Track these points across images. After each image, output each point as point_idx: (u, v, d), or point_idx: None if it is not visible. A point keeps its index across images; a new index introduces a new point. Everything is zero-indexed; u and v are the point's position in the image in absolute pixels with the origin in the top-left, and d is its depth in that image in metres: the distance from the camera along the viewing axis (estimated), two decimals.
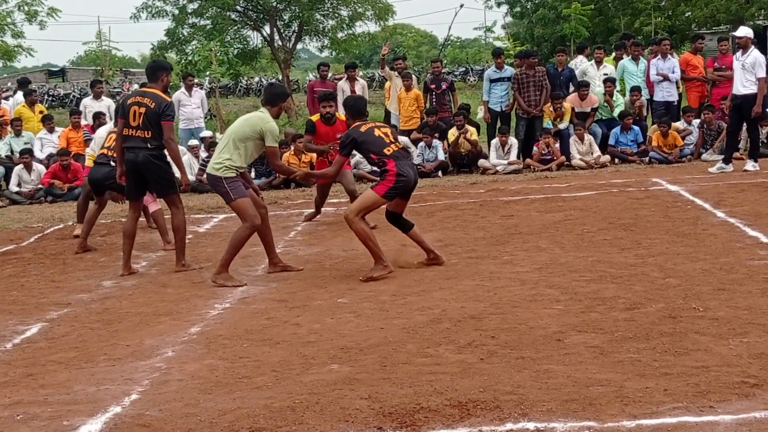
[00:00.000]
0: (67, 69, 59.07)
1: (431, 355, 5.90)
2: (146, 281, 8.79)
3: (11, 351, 6.74)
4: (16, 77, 46.32)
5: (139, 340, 6.65)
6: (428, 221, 11.35)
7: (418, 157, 16.59)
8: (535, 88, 16.51)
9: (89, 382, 5.77)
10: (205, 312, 7.48)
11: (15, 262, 10.36)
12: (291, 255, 9.71)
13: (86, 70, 55.06)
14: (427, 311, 7.02)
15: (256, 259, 9.39)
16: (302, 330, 6.75)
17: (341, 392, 5.24)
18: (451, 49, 49.29)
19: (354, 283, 8.20)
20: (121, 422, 4.97)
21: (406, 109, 17.59)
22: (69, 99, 38.21)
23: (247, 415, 4.96)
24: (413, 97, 17.63)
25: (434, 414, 4.81)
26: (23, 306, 8.13)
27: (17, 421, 5.07)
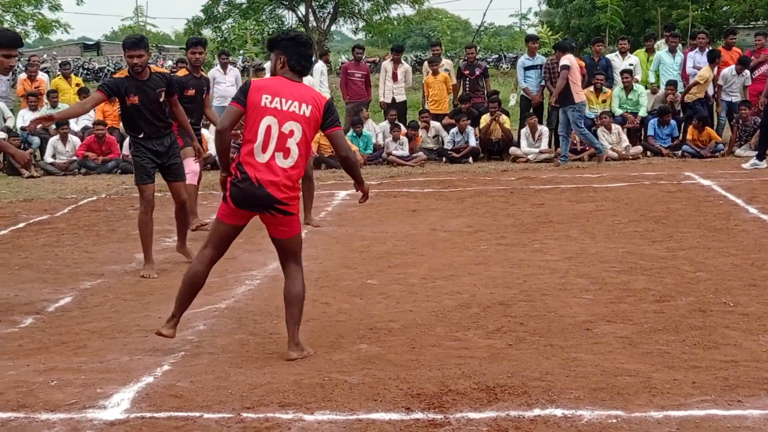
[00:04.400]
0: (102, 43, 59.32)
1: (460, 339, 5.95)
2: (178, 255, 8.87)
3: (46, 318, 6.84)
4: (52, 50, 46.69)
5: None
6: (458, 207, 11.37)
7: (449, 143, 16.61)
8: None
9: (122, 351, 5.85)
10: (236, 287, 7.55)
11: (49, 231, 10.48)
12: (321, 235, 9.77)
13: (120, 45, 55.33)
14: (456, 296, 7.06)
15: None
16: (332, 309, 6.81)
17: (370, 372, 5.29)
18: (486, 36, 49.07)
19: (383, 265, 8.24)
20: (153, 392, 5.04)
21: (436, 93, 17.59)
22: (104, 73, 38.40)
23: (276, 390, 5.02)
24: (442, 81, 17.62)
25: (462, 397, 4.85)
26: (57, 275, 8.24)
27: (52, 387, 5.15)
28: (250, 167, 5.47)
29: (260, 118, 5.46)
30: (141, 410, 4.78)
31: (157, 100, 8.21)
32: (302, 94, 5.55)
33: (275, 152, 5.47)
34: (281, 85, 5.55)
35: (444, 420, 4.55)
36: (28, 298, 7.45)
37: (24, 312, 6.99)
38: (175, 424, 4.58)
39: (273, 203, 5.49)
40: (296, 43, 5.64)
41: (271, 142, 5.47)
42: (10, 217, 11.57)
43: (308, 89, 5.68)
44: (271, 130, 5.46)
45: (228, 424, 4.57)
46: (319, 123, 5.58)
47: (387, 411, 4.69)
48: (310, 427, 4.52)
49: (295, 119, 5.49)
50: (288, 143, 5.48)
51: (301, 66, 5.62)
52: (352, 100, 17.77)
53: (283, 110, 5.48)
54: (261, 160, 5.47)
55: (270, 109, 5.47)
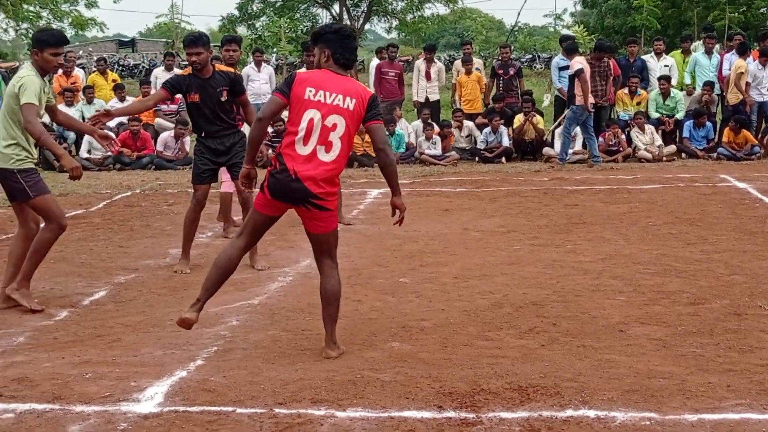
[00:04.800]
0: (137, 40, 59.71)
1: (492, 338, 5.94)
2: (211, 251, 8.91)
3: (80, 312, 6.90)
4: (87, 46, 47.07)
5: (204, 309, 6.75)
6: (491, 206, 11.34)
7: (482, 142, 16.58)
8: (601, 78, 16.33)
9: (156, 345, 5.89)
10: (268, 284, 7.58)
11: (84, 226, 10.57)
12: (353, 233, 9.78)
13: (155, 41, 55.66)
14: (488, 295, 7.05)
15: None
16: (364, 307, 6.82)
17: (402, 370, 5.30)
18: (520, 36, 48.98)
19: (415, 264, 8.24)
20: (187, 386, 5.08)
21: (469, 92, 17.56)
22: (138, 70, 38.67)
23: (309, 386, 5.04)
24: (475, 80, 17.59)
25: (494, 396, 4.85)
26: (92, 269, 8.31)
27: (86, 380, 5.20)
28: (290, 159, 5.43)
29: (303, 110, 5.42)
30: (174, 404, 4.81)
31: (218, 99, 8.16)
32: (347, 88, 5.49)
33: (317, 145, 5.42)
34: (326, 78, 5.50)
35: (476, 419, 4.55)
36: (63, 291, 7.52)
37: (59, 305, 7.06)
38: (208, 419, 4.61)
39: (308, 197, 5.44)
40: (340, 36, 5.59)
41: (314, 135, 5.42)
42: None
43: (353, 83, 5.62)
44: (314, 122, 5.41)
45: (261, 419, 4.59)
46: (362, 117, 5.50)
47: (419, 409, 4.69)
48: (342, 423, 4.54)
49: (339, 113, 5.43)
50: (330, 137, 5.44)
51: (345, 59, 5.57)
52: (385, 99, 17.75)
53: (327, 103, 5.43)
54: (302, 153, 5.42)
55: (314, 102, 5.42)
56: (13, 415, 4.70)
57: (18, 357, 5.70)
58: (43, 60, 6.84)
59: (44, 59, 6.84)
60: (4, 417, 4.68)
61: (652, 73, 17.30)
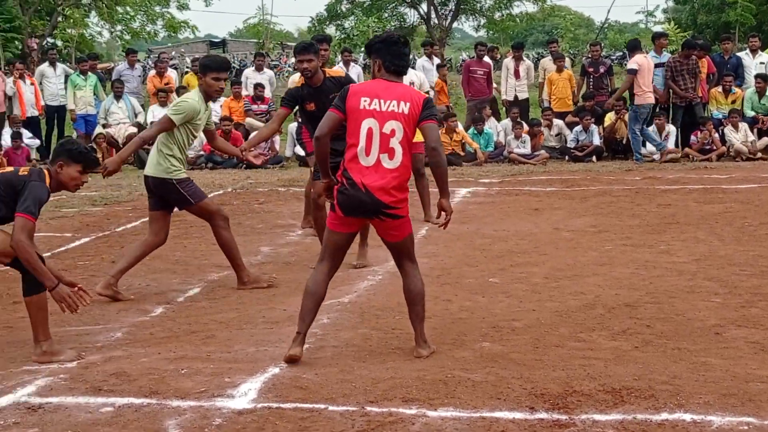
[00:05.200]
0: (227, 41, 60.51)
1: (584, 340, 5.88)
2: (302, 249, 9.01)
3: (175, 308, 7.03)
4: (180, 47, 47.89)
5: (296, 306, 6.79)
6: (581, 206, 11.23)
7: (572, 141, 16.42)
8: (690, 75, 16.03)
9: (249, 342, 5.98)
10: (358, 282, 7.62)
11: (178, 224, 10.71)
12: (441, 232, 9.74)
13: (245, 42, 56.35)
14: (580, 296, 6.98)
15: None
16: (454, 306, 6.82)
17: (493, 370, 5.28)
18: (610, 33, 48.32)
19: (505, 264, 8.20)
20: (280, 383, 5.13)
21: (559, 90, 17.40)
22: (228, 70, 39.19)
23: (400, 385, 5.05)
24: (566, 78, 17.43)
25: (587, 398, 4.80)
26: (186, 266, 8.47)
27: (182, 375, 5.30)
28: (356, 172, 5.44)
29: (360, 121, 5.44)
30: (267, 400, 4.87)
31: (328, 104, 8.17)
32: (400, 93, 5.50)
33: (380, 154, 5.43)
34: (379, 87, 5.52)
35: (569, 421, 4.51)
36: (158, 288, 7.68)
37: (155, 302, 7.21)
38: (300, 415, 4.66)
39: (381, 208, 5.44)
40: (387, 44, 5.62)
41: (374, 144, 5.43)
42: (141, 209, 11.88)
43: (406, 87, 5.63)
44: (373, 132, 5.43)
45: (352, 417, 4.61)
46: (417, 119, 5.47)
47: (511, 410, 4.67)
48: (433, 423, 4.54)
49: (395, 118, 5.42)
50: (391, 143, 5.44)
51: (394, 66, 5.58)
52: (474, 98, 17.72)
53: (383, 111, 5.43)
54: (366, 164, 5.44)
55: (369, 111, 5.44)
56: (112, 408, 4.82)
57: (116, 352, 5.84)
58: (206, 84, 7.22)
59: (206, 83, 7.21)
60: (103, 410, 4.80)
61: (748, 70, 16.93)
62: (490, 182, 13.73)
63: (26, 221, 5.49)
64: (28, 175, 5.64)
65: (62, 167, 5.74)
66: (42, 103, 17.91)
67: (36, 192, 5.55)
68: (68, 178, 5.77)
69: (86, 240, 9.91)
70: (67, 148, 5.83)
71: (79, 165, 5.77)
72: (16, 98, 17.62)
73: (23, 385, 5.23)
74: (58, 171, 5.74)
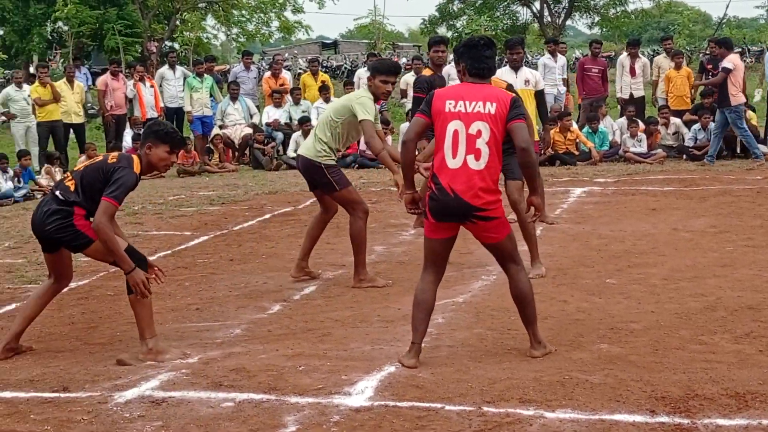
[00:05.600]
0: (339, 42, 61.05)
1: (706, 342, 5.75)
2: (415, 248, 9.02)
3: (292, 306, 7.13)
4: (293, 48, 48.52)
5: (410, 305, 6.81)
6: (701, 206, 10.97)
7: (690, 140, 16.06)
8: None
9: (364, 340, 6.02)
10: (472, 282, 7.60)
11: (293, 223, 10.92)
12: (556, 232, 9.68)
13: (357, 43, 56.75)
14: (700, 298, 6.82)
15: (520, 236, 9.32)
16: (570, 307, 6.74)
17: (611, 372, 5.20)
18: (728, 29, 47.04)
19: (622, 264, 8.07)
20: (396, 381, 5.16)
21: (678, 88, 17.02)
22: (341, 71, 39.55)
23: (516, 386, 5.02)
24: (685, 76, 17.04)
25: (709, 402, 4.69)
26: None
27: (300, 372, 5.37)
28: (444, 176, 5.42)
29: (446, 123, 5.43)
30: (384, 398, 4.90)
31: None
32: (486, 94, 5.46)
33: (466, 155, 5.39)
34: (464, 90, 5.51)
35: (691, 425, 4.42)
36: (275, 285, 7.79)
37: (272, 299, 7.32)
38: (417, 414, 4.67)
39: (471, 212, 5.40)
40: (469, 48, 5.63)
41: (461, 146, 5.40)
42: (257, 208, 12.13)
43: (493, 89, 5.59)
44: (458, 134, 5.40)
45: (469, 417, 4.60)
46: (505, 119, 5.42)
47: (630, 413, 4.59)
48: (551, 424, 4.50)
49: (481, 119, 5.38)
50: (477, 144, 5.39)
51: (476, 69, 5.56)
52: (589, 96, 17.50)
53: (468, 112, 5.41)
54: (453, 166, 5.40)
55: (454, 113, 5.42)
56: (232, 403, 4.91)
57: (236, 348, 5.95)
58: (374, 86, 7.48)
59: (375, 85, 7.48)
60: (224, 405, 4.90)
61: None
62: (605, 182, 13.53)
63: (109, 205, 5.61)
64: (117, 162, 5.75)
65: (151, 149, 5.86)
66: (161, 104, 18.37)
67: (125, 179, 5.67)
68: (157, 158, 5.89)
69: (205, 238, 10.13)
70: (153, 129, 5.95)
71: (166, 145, 5.89)
72: (137, 100, 18.12)
73: (147, 379, 5.37)
74: (147, 153, 5.86)
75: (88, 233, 5.71)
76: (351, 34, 69.86)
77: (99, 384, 5.31)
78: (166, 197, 13.23)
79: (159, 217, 11.53)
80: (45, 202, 5.85)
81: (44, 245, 5.95)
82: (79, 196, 5.71)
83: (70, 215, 5.71)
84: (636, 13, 37.76)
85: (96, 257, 5.88)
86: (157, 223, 11.12)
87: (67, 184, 5.80)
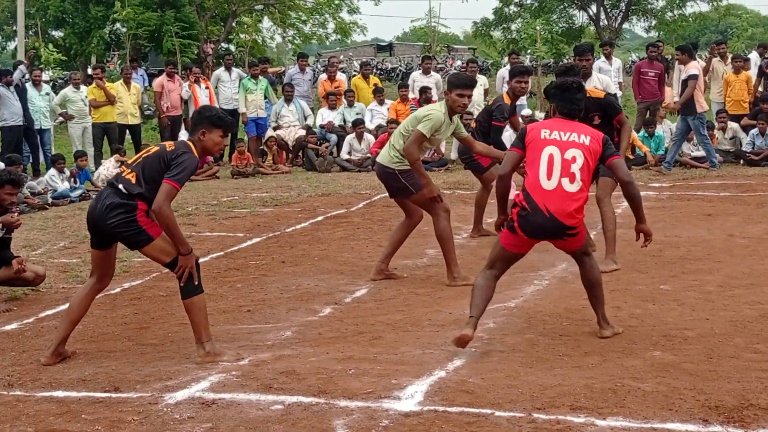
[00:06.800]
0: (394, 44, 61.13)
1: (761, 351, 5.66)
2: (467, 252, 9.00)
3: (343, 308, 7.14)
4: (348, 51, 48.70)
5: (461, 310, 6.81)
6: (757, 212, 10.80)
7: (747, 145, 15.81)
8: None
9: (415, 345, 6.01)
10: (524, 287, 7.55)
11: (345, 225, 10.94)
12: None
13: (412, 45, 56.78)
14: (757, 306, 6.72)
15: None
16: (623, 314, 6.67)
17: (664, 380, 5.14)
18: None
19: (677, 271, 7.98)
20: (446, 386, 5.14)
21: (736, 92, 16.78)
22: (395, 73, 39.60)
23: (567, 392, 4.98)
24: (744, 80, 16.79)
25: (765, 412, 4.62)
26: (353, 267, 8.59)
27: (350, 375, 5.38)
28: (538, 195, 5.72)
29: (541, 148, 5.80)
30: (434, 403, 4.89)
31: (591, 123, 7.96)
32: (579, 128, 5.90)
33: (561, 178, 5.72)
34: (557, 124, 5.93)
35: None
36: (326, 288, 7.81)
37: (323, 302, 7.34)
38: (467, 420, 4.65)
39: (565, 230, 5.75)
40: (562, 90, 6.02)
41: (555, 169, 5.74)
42: (309, 210, 12.17)
43: (584, 126, 6.02)
44: (554, 158, 5.76)
45: (519, 424, 4.58)
46: (599, 154, 5.82)
47: (683, 421, 4.54)
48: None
49: (576, 147, 5.79)
50: (572, 168, 5.75)
51: (567, 110, 5.98)
52: (644, 100, 17.31)
53: (564, 140, 5.81)
54: (548, 187, 5.73)
55: (550, 140, 5.82)
56: (282, 406, 4.93)
57: (286, 351, 5.97)
58: (451, 99, 7.65)
59: (452, 99, 7.65)
60: (273, 408, 4.92)
61: None
62: (660, 186, 13.37)
63: (171, 188, 5.64)
64: (176, 149, 5.80)
65: (204, 134, 5.91)
66: (216, 106, 18.49)
67: (188, 162, 5.73)
68: (212, 143, 5.95)
69: (257, 240, 10.18)
70: (206, 115, 5.99)
71: (219, 129, 5.94)
72: (192, 102, 18.27)
73: (197, 380, 5.41)
74: (201, 138, 5.90)
75: (149, 230, 5.74)
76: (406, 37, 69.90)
77: (150, 385, 5.37)
78: (220, 198, 13.32)
79: (212, 218, 11.61)
80: (106, 195, 5.80)
81: (99, 240, 5.92)
82: (142, 187, 5.71)
83: (134, 210, 5.71)
84: (694, 16, 37.25)
85: (152, 255, 5.88)
86: (210, 225, 11.20)
87: (128, 177, 5.79)
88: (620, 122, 8.38)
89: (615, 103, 8.50)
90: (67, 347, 6.07)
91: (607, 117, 8.29)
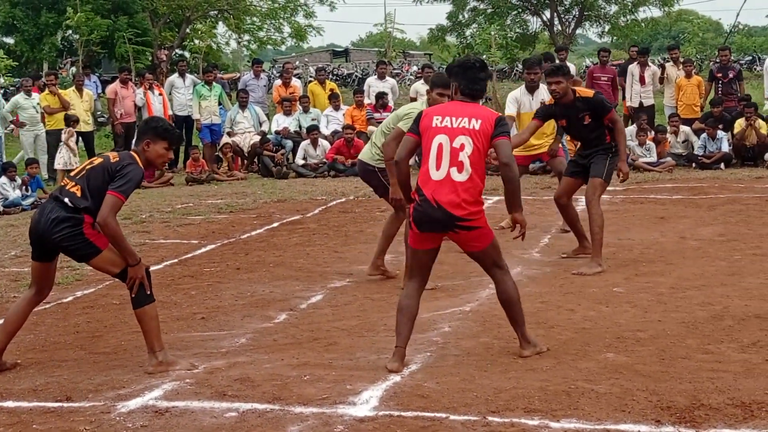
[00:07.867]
0: (350, 50, 61.11)
1: (712, 352, 5.72)
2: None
3: (298, 315, 7.12)
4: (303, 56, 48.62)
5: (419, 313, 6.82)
6: (709, 214, 10.93)
7: (699, 148, 16.00)
8: None
9: (370, 350, 6.01)
10: (479, 291, 7.58)
11: (301, 231, 10.91)
12: (565, 240, 9.64)
13: (368, 51, 56.81)
14: (707, 307, 6.79)
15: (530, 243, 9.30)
16: (577, 316, 6.72)
17: (617, 381, 5.18)
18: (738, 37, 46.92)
19: (630, 273, 8.05)
20: (401, 391, 5.14)
21: (687, 96, 16.99)
22: (351, 78, 39.59)
23: (522, 395, 5.00)
24: (695, 84, 17.01)
25: (715, 412, 4.67)
26: (309, 273, 8.56)
27: (305, 381, 5.36)
28: (427, 187, 5.59)
29: (432, 137, 5.63)
30: (389, 408, 4.88)
31: (582, 123, 8.41)
32: (473, 112, 5.66)
33: (450, 168, 5.56)
34: (452, 107, 5.76)
35: None
36: (282, 294, 7.78)
37: (278, 308, 7.31)
38: (421, 424, 4.65)
39: (454, 221, 5.55)
40: (463, 68, 5.82)
41: (444, 158, 5.58)
42: (265, 216, 12.12)
43: (479, 107, 5.79)
44: (443, 147, 5.59)
45: (474, 427, 4.59)
46: (490, 136, 5.60)
47: (636, 422, 4.58)
48: None
49: (465, 133, 5.58)
50: (460, 157, 5.56)
51: (470, 90, 5.77)
52: None
53: (453, 127, 5.61)
54: (436, 178, 5.58)
55: (440, 128, 5.64)
56: (236, 414, 4.90)
57: (240, 358, 5.94)
58: (432, 99, 7.57)
59: (433, 98, 7.54)
60: (228, 415, 4.89)
61: None
62: (614, 190, 13.45)
63: (117, 200, 5.57)
64: (121, 160, 5.72)
65: (149, 145, 5.85)
66: (170, 113, 18.35)
67: (133, 174, 5.66)
68: (155, 155, 5.89)
69: (212, 247, 10.12)
70: (152, 126, 5.94)
71: (165, 142, 5.89)
72: (146, 109, 18.14)
73: (151, 389, 5.36)
74: (145, 149, 5.85)
75: (96, 242, 5.66)
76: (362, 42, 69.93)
77: (102, 393, 5.31)
78: (174, 205, 13.22)
79: (166, 225, 11.52)
80: (51, 209, 5.68)
81: (41, 253, 5.81)
82: (88, 200, 5.63)
83: (80, 223, 5.62)
84: (646, 21, 37.66)
85: (100, 267, 5.81)
86: (165, 232, 11.12)
87: (72, 191, 5.69)
88: (612, 121, 8.41)
89: (605, 102, 8.56)
90: (15, 357, 5.99)
91: (598, 116, 8.34)
